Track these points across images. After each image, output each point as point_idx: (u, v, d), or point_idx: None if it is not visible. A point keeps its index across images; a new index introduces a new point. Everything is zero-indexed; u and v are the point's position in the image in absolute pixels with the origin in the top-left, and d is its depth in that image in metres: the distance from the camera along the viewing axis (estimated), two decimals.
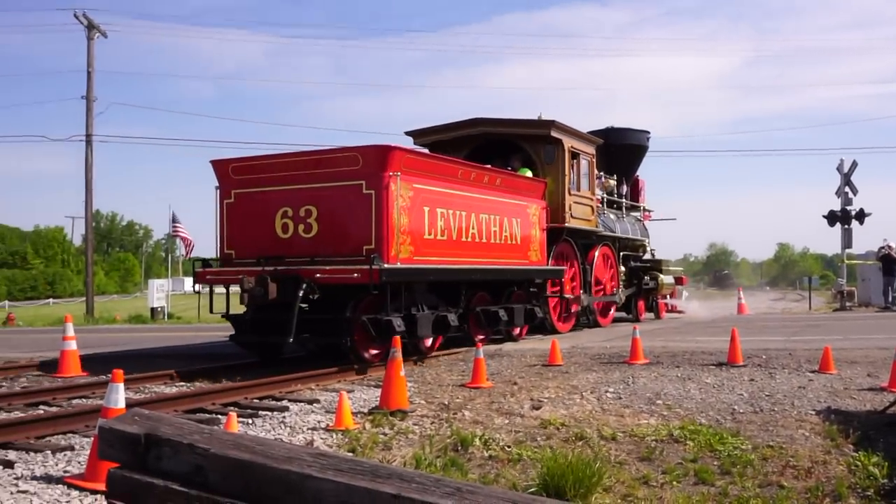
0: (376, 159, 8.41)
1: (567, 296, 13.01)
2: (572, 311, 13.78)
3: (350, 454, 3.65)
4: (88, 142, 25.92)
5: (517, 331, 11.41)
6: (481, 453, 4.76)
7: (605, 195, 16.59)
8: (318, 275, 8.03)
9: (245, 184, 9.16)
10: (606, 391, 7.18)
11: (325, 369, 8.22)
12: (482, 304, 10.44)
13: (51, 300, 54.49)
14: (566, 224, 13.15)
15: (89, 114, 26.71)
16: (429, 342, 9.34)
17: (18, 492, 4.04)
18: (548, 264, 12.30)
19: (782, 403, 6.39)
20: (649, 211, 20.16)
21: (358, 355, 8.19)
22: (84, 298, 26.60)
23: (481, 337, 10.41)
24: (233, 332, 9.09)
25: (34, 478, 4.36)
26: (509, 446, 4.81)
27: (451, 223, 9.62)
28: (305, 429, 5.79)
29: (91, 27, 26.13)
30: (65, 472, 4.51)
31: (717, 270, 48.13)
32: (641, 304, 17.78)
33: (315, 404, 6.65)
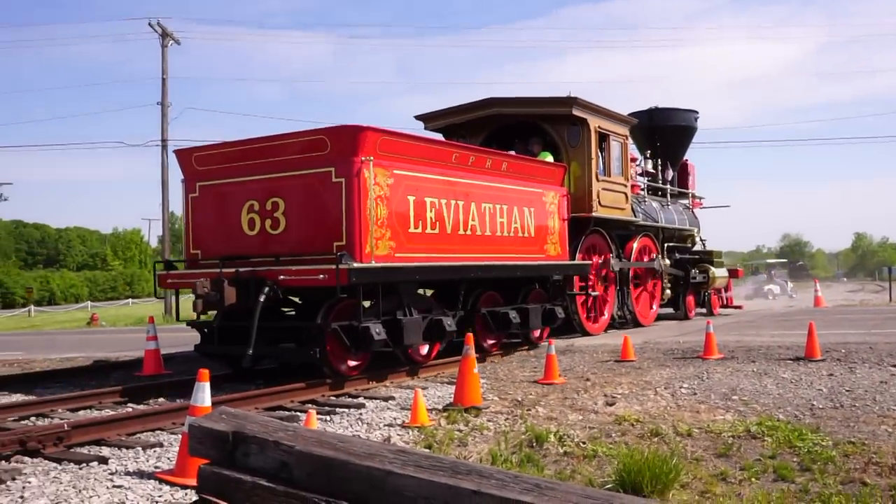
0: (345, 142, 7.76)
1: (594, 293, 12.41)
2: (605, 309, 13.13)
3: (427, 451, 3.68)
4: (164, 146, 26.88)
5: (536, 333, 10.91)
6: (556, 449, 5.46)
7: (646, 181, 15.73)
8: (281, 276, 7.54)
9: (210, 175, 8.57)
10: (681, 387, 7.68)
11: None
12: (490, 306, 9.90)
13: (130, 300, 56.16)
14: (593, 213, 12.45)
15: (164, 119, 27.57)
16: (424, 350, 8.87)
17: (114, 486, 4.57)
18: (574, 258, 11.78)
19: (863, 399, 6.79)
20: (700, 198, 19.38)
21: (332, 368, 7.77)
22: (162, 298, 27.22)
23: (492, 342, 10.03)
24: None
25: (127, 473, 4.91)
26: (584, 442, 5.43)
27: (444, 214, 8.84)
28: (382, 425, 6.29)
29: (165, 35, 27.09)
30: (155, 467, 5.05)
31: (791, 262, 46.45)
32: (691, 299, 17.03)
33: (390, 401, 7.24)
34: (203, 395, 4.40)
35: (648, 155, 16.71)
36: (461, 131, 13.09)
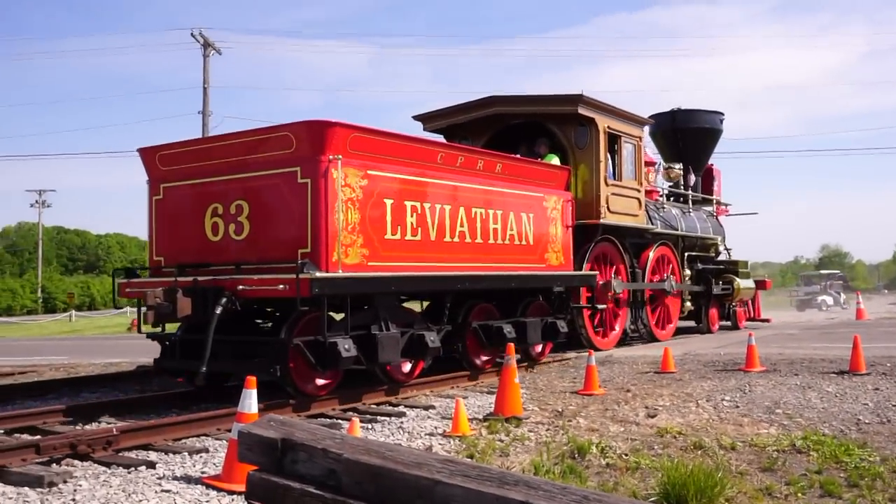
0: (311, 139, 7.28)
1: (600, 306, 11.86)
2: (616, 323, 12.63)
3: (472, 460, 3.66)
4: None
5: (538, 348, 10.52)
6: (598, 461, 5.90)
7: (664, 186, 15.62)
8: (240, 287, 7.12)
9: (174, 176, 8.14)
10: (723, 399, 7.94)
11: (438, 376, 9.04)
12: (483, 319, 9.47)
13: None
14: (601, 220, 11.77)
15: (205, 128, 27.95)
16: (406, 368, 8.48)
17: (162, 491, 4.84)
18: (581, 268, 11.29)
19: None
20: (726, 205, 18.85)
21: (295, 387, 7.31)
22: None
23: (486, 358, 9.61)
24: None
25: (175, 478, 5.21)
26: (626, 454, 5.79)
27: (427, 220, 8.35)
28: (423, 434, 6.57)
29: (207, 45, 27.55)
30: (202, 472, 5.33)
31: (830, 273, 45.65)
32: (714, 312, 16.47)
33: (430, 410, 7.60)
34: (250, 401, 4.55)
35: (670, 159, 16.46)
36: (463, 132, 12.59)
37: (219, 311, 6.94)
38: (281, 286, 6.88)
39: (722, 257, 17.01)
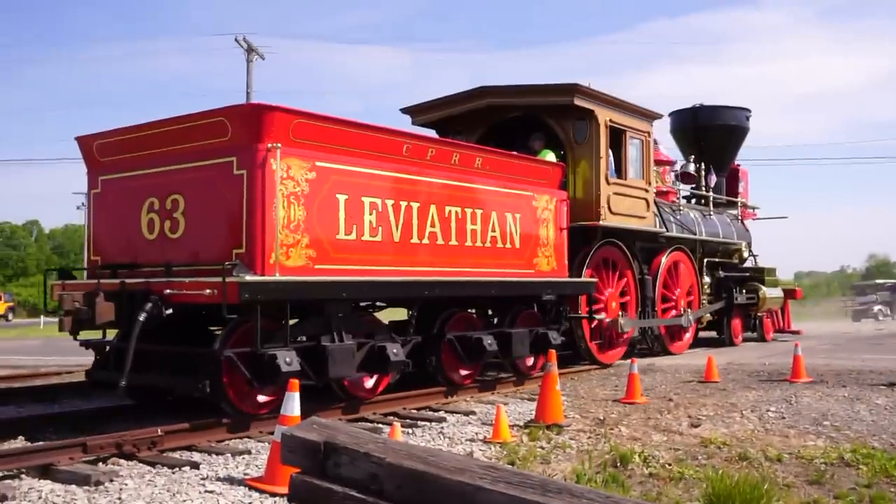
0: (246, 126, 6.80)
1: (598, 317, 11.23)
2: (619, 336, 11.85)
3: (513, 467, 3.61)
4: None
5: (529, 362, 9.96)
6: (641, 470, 6.10)
7: (679, 186, 15.01)
8: (167, 290, 6.64)
9: (112, 167, 7.70)
10: (768, 410, 8.15)
11: (479, 381, 9.39)
12: (462, 329, 8.97)
13: None
14: (601, 222, 11.13)
15: None
16: (369, 383, 7.94)
17: (206, 491, 5.08)
18: (580, 275, 10.71)
19: None
20: (753, 208, 18.30)
21: (231, 405, 6.81)
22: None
23: (465, 372, 9.03)
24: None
25: (218, 479, 5.46)
26: (669, 464, 6.32)
27: (391, 219, 7.79)
28: (464, 440, 6.86)
29: (250, 50, 28.08)
30: (245, 474, 5.59)
31: (878, 283, 44.78)
32: (736, 323, 15.91)
33: (471, 416, 7.97)
34: (293, 404, 4.63)
35: (692, 158, 15.85)
36: (457, 127, 12.08)
37: (143, 317, 6.50)
38: (207, 291, 6.42)
39: (748, 264, 16.23)
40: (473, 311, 9.60)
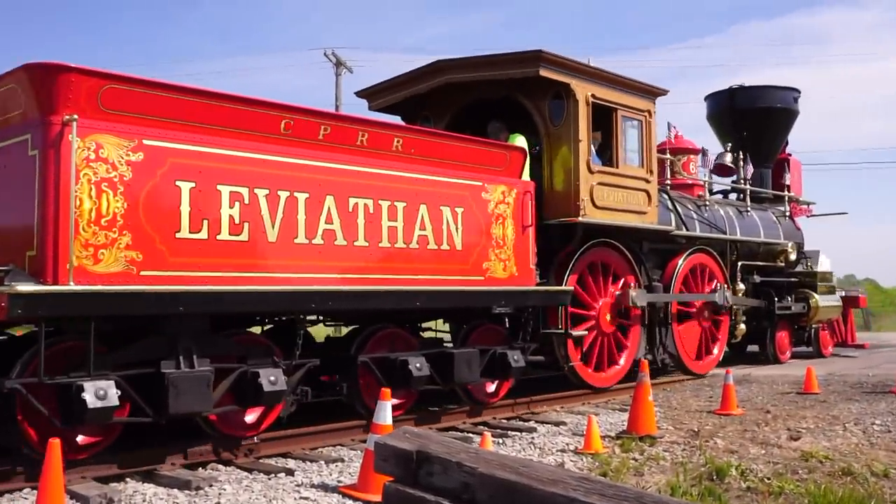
0: (38, 94, 5.67)
1: (577, 333, 9.46)
2: (623, 353, 10.19)
3: (607, 479, 3.53)
4: None
5: (489, 388, 8.63)
6: (738, 484, 6.32)
7: (704, 178, 13.20)
8: None
9: None
10: (873, 423, 7.97)
11: (570, 391, 9.28)
12: (386, 349, 7.69)
13: None
14: (580, 218, 9.32)
15: None
16: (250, 418, 6.60)
17: (301, 498, 5.28)
18: (561, 282, 9.19)
19: None
20: (807, 204, 16.49)
21: (31, 447, 5.48)
22: None
23: (396, 401, 7.09)
24: None
25: (312, 486, 5.69)
26: (768, 478, 6.03)
27: (264, 213, 6.37)
28: (555, 450, 6.90)
29: (339, 64, 28.48)
30: (338, 481, 5.76)
31: None
32: (782, 336, 14.15)
33: (561, 426, 8.06)
34: (385, 413, 4.65)
35: (728, 147, 14.23)
36: (423, 112, 10.60)
37: None
38: None
39: (798, 268, 14.27)
40: (404, 327, 8.02)
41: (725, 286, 11.35)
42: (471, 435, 7.52)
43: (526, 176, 8.59)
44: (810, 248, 15.40)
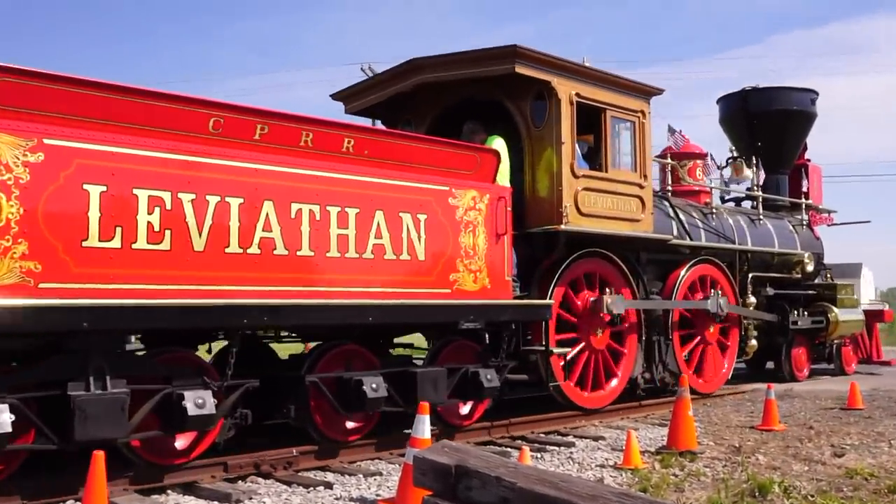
0: None
1: (559, 350, 8.71)
2: (617, 371, 9.49)
3: (647, 495, 3.51)
4: None
5: (464, 409, 8.14)
6: (781, 501, 6.00)
7: (714, 183, 13.01)
8: None
9: None
10: None
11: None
12: (338, 368, 7.17)
13: None
14: (563, 226, 8.67)
15: None
16: (179, 443, 6.17)
17: None
18: (545, 295, 8.55)
19: None
20: (827, 212, 15.44)
21: None
22: None
23: (352, 425, 7.11)
24: None
25: (351, 499, 5.74)
26: (812, 495, 6.23)
27: (189, 220, 5.79)
28: (594, 465, 6.86)
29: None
30: (377, 494, 5.85)
31: None
32: (799, 352, 13.42)
33: (600, 441, 8.04)
34: (423, 427, 4.62)
35: (734, 152, 13.58)
36: (404, 115, 10.04)
37: None
38: None
39: (817, 280, 13.59)
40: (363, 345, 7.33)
41: (720, 292, 10.49)
42: (509, 449, 7.53)
43: (503, 180, 8.04)
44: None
